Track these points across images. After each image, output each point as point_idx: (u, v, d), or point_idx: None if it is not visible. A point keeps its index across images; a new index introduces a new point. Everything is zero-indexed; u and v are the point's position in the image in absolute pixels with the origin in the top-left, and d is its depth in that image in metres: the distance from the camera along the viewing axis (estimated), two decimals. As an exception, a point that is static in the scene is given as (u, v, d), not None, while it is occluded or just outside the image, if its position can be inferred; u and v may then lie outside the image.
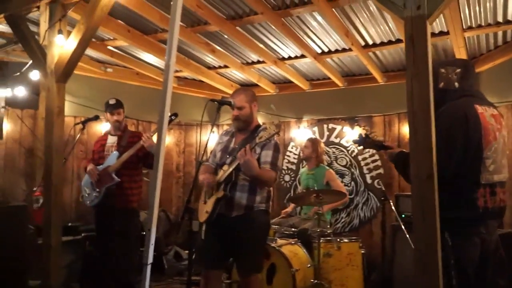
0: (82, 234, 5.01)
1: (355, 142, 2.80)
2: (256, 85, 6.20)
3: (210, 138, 6.73)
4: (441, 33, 4.53)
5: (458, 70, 2.48)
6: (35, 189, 5.23)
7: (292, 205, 5.32)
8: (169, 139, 6.75)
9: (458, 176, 2.27)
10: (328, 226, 4.50)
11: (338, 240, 4.23)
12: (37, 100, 5.57)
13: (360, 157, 5.91)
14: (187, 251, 5.89)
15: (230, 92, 6.45)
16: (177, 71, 6.13)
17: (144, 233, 5.63)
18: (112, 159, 4.09)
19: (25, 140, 5.64)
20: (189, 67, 5.70)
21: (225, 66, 5.80)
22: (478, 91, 2.55)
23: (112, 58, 5.54)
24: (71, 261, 4.79)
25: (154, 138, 3.93)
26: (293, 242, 4.28)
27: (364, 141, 2.73)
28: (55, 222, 3.73)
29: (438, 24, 4.35)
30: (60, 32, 3.75)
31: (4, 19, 3.99)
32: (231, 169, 3.04)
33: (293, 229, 4.61)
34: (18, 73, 5.16)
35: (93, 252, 4.78)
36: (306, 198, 4.34)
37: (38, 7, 3.92)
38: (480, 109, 2.36)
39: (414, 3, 2.32)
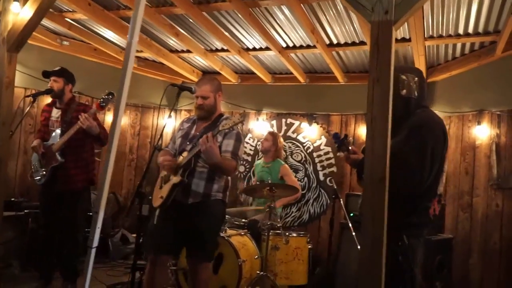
0: (25, 211, 4.80)
1: (334, 137, 2.69)
2: (218, 73, 6.13)
3: (168, 123, 6.60)
4: (403, 40, 4.64)
5: (416, 78, 2.49)
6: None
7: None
8: (124, 120, 6.55)
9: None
10: (279, 220, 4.54)
11: (287, 234, 4.27)
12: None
13: (315, 154, 5.99)
14: (134, 235, 5.78)
15: (191, 77, 6.39)
16: (138, 51, 5.95)
17: (91, 213, 5.49)
18: (56, 137, 3.89)
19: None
20: (150, 48, 5.55)
21: (188, 51, 5.69)
22: None
23: (70, 31, 5.31)
24: (11, 237, 4.60)
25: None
26: (242, 233, 4.30)
27: (342, 143, 2.70)
28: (-3, 197, 3.55)
29: (401, 30, 4.45)
30: (16, -1, 3.54)
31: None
32: (190, 156, 2.99)
33: (243, 220, 4.62)
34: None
35: (36, 230, 4.60)
36: (259, 191, 4.35)
37: (-7, -30, 3.68)
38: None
39: (382, 8, 2.34)
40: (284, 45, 5.11)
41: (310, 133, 6.04)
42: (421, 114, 2.40)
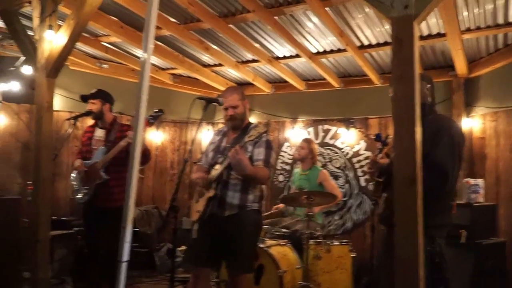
0: (74, 229, 4.99)
1: (377, 138, 2.75)
2: (252, 84, 6.15)
3: (201, 136, 6.65)
4: (439, 35, 4.46)
5: (428, 85, 2.60)
6: (29, 182, 5.21)
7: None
8: (164, 136, 6.71)
9: None
10: (318, 228, 4.45)
11: (328, 243, 4.18)
12: (33, 94, 5.54)
13: (354, 159, 5.84)
14: (180, 248, 5.86)
15: (226, 90, 6.45)
16: (172, 68, 6.09)
17: (137, 229, 5.61)
18: (99, 154, 3.97)
19: (21, 134, 5.61)
20: (183, 65, 5.66)
21: (220, 64, 5.76)
22: None
23: (107, 54, 5.51)
24: (64, 255, 4.80)
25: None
26: (283, 243, 4.23)
27: (385, 143, 2.68)
28: (43, 217, 3.71)
29: (435, 25, 4.29)
30: (50, 27, 3.71)
31: (-2, 14, 3.98)
32: (222, 168, 3.01)
33: (284, 230, 4.56)
34: (12, 68, 5.12)
35: (83, 247, 4.77)
36: (297, 199, 4.29)
37: (30, 2, 3.90)
38: None
39: (401, 2, 2.25)
40: (314, 50, 5.05)
41: (348, 138, 5.91)
42: (442, 117, 2.60)
